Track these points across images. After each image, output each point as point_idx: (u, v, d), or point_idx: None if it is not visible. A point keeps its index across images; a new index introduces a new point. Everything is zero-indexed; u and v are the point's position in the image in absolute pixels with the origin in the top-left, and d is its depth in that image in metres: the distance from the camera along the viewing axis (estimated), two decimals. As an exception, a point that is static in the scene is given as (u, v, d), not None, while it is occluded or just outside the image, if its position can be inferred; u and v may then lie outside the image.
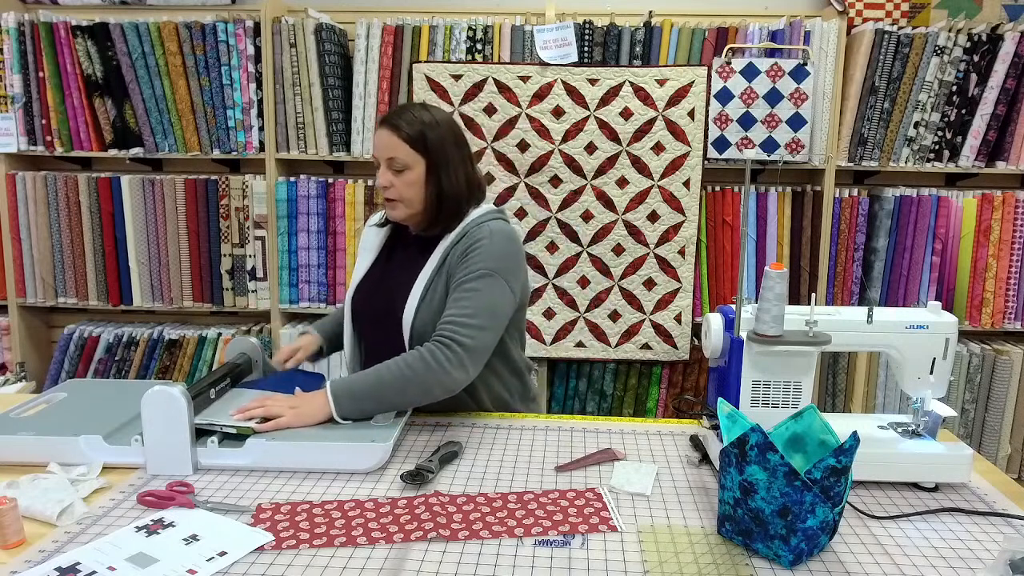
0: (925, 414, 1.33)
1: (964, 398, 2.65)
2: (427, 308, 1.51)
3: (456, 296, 1.47)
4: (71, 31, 2.58)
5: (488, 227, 1.53)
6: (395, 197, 1.52)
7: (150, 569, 0.97)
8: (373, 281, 1.64)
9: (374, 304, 1.61)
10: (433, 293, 1.52)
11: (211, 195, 2.67)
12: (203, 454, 1.28)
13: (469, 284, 1.47)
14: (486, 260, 1.48)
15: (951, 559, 1.04)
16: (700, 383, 2.69)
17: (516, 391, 1.68)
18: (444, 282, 1.52)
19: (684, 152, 2.53)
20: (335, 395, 1.37)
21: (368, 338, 1.66)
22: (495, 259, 1.49)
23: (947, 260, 2.60)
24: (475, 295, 1.45)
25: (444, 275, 1.53)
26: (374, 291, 1.63)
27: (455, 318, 1.44)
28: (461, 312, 1.44)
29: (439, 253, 1.55)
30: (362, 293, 1.64)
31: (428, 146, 1.50)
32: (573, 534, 1.09)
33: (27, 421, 1.37)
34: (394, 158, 1.50)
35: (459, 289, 1.47)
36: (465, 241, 1.52)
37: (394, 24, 2.55)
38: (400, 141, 1.50)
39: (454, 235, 1.55)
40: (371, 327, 1.63)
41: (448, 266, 1.53)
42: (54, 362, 2.78)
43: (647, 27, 2.54)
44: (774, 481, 1.01)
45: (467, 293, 1.46)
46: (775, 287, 1.24)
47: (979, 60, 2.49)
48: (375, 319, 1.61)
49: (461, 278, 1.48)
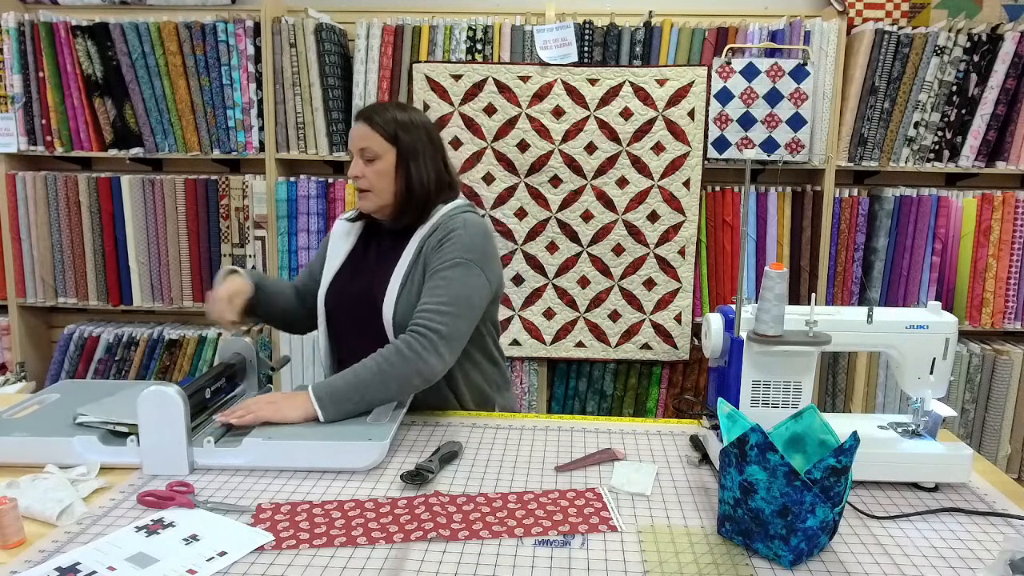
0: (925, 414, 1.33)
1: (964, 398, 2.65)
2: (406, 299, 1.53)
3: (431, 285, 1.49)
4: (71, 31, 2.58)
5: (462, 218, 1.56)
6: (366, 187, 1.56)
7: (150, 569, 0.97)
8: (347, 276, 1.65)
9: (351, 298, 1.62)
10: (411, 284, 1.54)
11: (211, 195, 2.67)
12: (199, 454, 1.28)
13: (444, 273, 1.49)
14: (460, 250, 1.50)
15: (951, 559, 1.04)
16: (700, 383, 2.69)
17: (494, 380, 1.70)
18: (421, 273, 1.54)
19: (684, 152, 2.53)
20: (318, 398, 1.36)
21: (346, 334, 1.65)
22: (469, 249, 1.51)
23: (947, 260, 2.60)
24: (449, 283, 1.48)
25: (421, 266, 1.55)
26: (349, 286, 1.63)
27: (429, 306, 1.46)
28: (436, 300, 1.46)
29: (414, 244, 1.57)
30: (336, 289, 1.64)
31: (399, 137, 1.55)
32: (573, 534, 1.08)
33: (21, 422, 1.37)
34: (365, 148, 1.55)
35: (434, 278, 1.49)
36: (439, 232, 1.55)
37: (394, 24, 2.55)
38: (372, 132, 1.55)
39: (428, 227, 1.58)
40: (349, 322, 1.63)
41: (424, 257, 1.55)
42: (54, 362, 2.78)
43: (647, 27, 2.54)
44: (774, 481, 1.01)
45: (441, 282, 1.48)
46: (775, 287, 1.24)
47: (979, 60, 2.49)
48: (353, 313, 1.61)
49: (436, 267, 1.50)
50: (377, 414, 1.42)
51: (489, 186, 2.58)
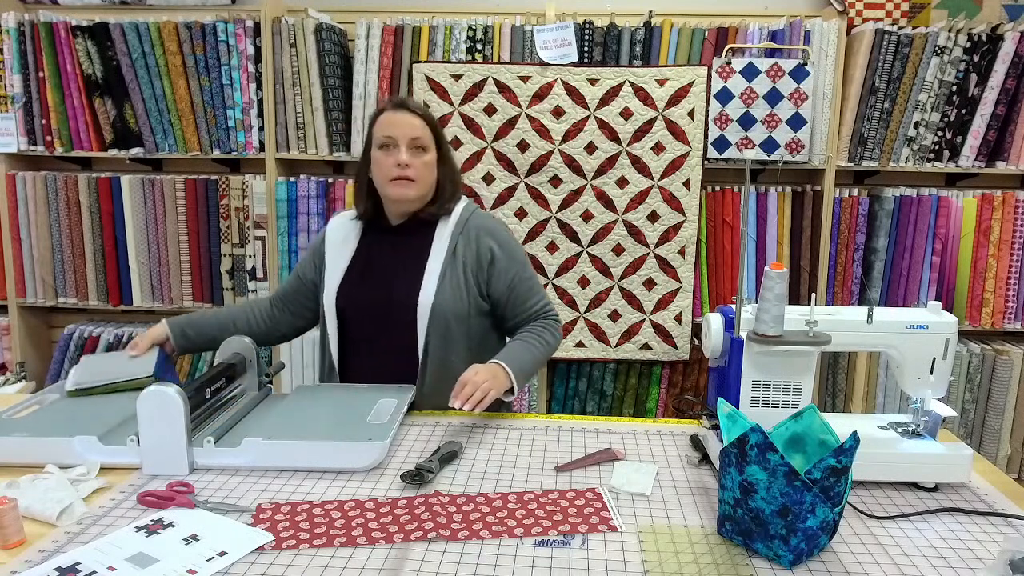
0: (925, 414, 1.33)
1: (964, 398, 2.65)
2: (446, 292, 1.59)
3: (525, 287, 1.68)
4: (71, 31, 2.58)
5: (490, 217, 1.72)
6: (414, 176, 1.58)
7: (150, 569, 0.97)
8: (358, 276, 1.65)
9: (369, 297, 1.62)
10: (452, 277, 1.60)
11: (211, 195, 2.67)
12: (199, 454, 1.28)
13: (524, 276, 1.68)
14: (520, 253, 1.71)
15: (951, 559, 1.04)
16: (700, 383, 2.69)
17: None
18: (462, 267, 1.62)
19: (684, 152, 2.53)
20: (515, 372, 1.51)
21: (361, 332, 1.65)
22: (521, 250, 1.73)
23: (947, 260, 2.60)
24: (535, 283, 1.72)
25: (460, 261, 1.62)
26: (364, 285, 1.64)
27: (544, 300, 1.71)
28: (542, 295, 1.72)
29: (444, 240, 1.62)
30: (348, 289, 1.65)
31: (438, 132, 1.64)
32: (573, 534, 1.08)
33: (21, 422, 1.37)
34: (418, 138, 1.58)
35: (523, 281, 1.68)
36: (472, 230, 1.64)
37: (394, 24, 2.55)
38: (423, 123, 1.60)
39: (453, 223, 1.63)
40: (366, 320, 1.63)
41: (462, 253, 1.62)
42: (54, 362, 2.78)
43: (647, 27, 2.54)
44: (774, 481, 1.01)
45: (530, 283, 1.70)
46: (775, 287, 1.24)
47: (979, 60, 2.49)
48: (371, 311, 1.62)
49: (516, 271, 1.67)
50: (377, 414, 1.42)
51: (489, 186, 2.58)
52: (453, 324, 1.60)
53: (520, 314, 1.68)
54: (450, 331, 1.60)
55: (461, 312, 1.61)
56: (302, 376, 2.69)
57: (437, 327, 1.58)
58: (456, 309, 1.60)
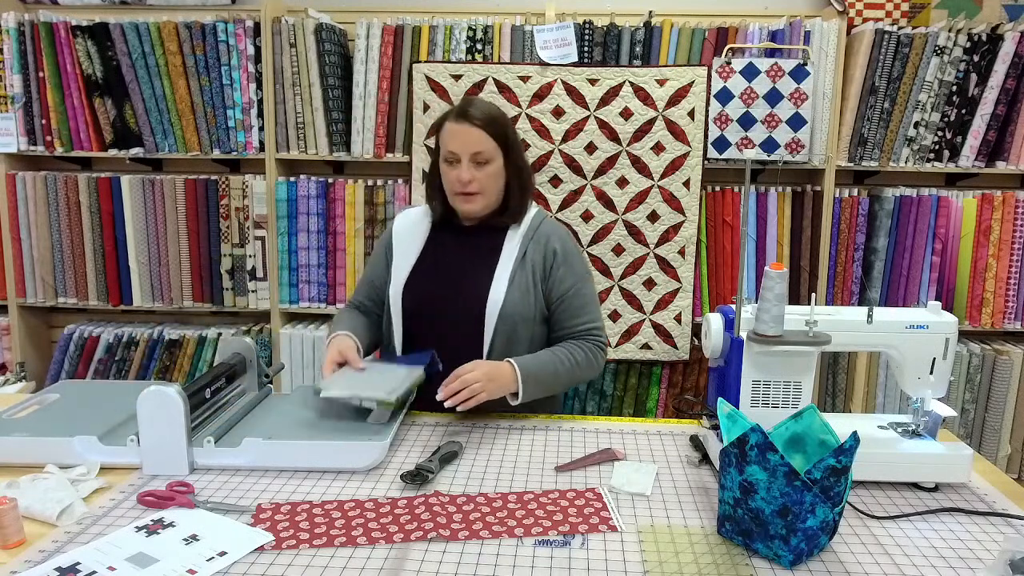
0: (925, 414, 1.33)
1: (964, 398, 2.65)
2: (515, 296, 1.58)
3: (580, 302, 1.63)
4: (71, 31, 2.58)
5: (557, 224, 1.70)
6: (477, 191, 1.57)
7: (150, 569, 0.97)
8: (427, 274, 1.64)
9: (438, 296, 1.61)
10: (521, 282, 1.59)
11: (211, 195, 2.67)
12: (199, 454, 1.28)
13: (581, 290, 1.64)
14: (581, 264, 1.67)
15: (951, 559, 1.04)
16: (700, 383, 2.69)
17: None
18: (531, 272, 1.60)
19: (684, 152, 2.53)
20: (524, 379, 1.47)
21: (427, 330, 1.63)
22: (583, 262, 1.69)
23: (947, 260, 2.60)
24: (592, 299, 1.66)
25: (529, 266, 1.61)
26: (432, 283, 1.63)
27: (594, 322, 1.64)
28: (593, 316, 1.64)
29: (515, 244, 1.62)
30: (416, 287, 1.64)
31: (506, 135, 1.59)
32: (573, 534, 1.08)
33: (21, 422, 1.37)
34: (480, 151, 1.55)
35: (577, 295, 1.62)
36: (541, 237, 1.64)
37: (394, 24, 2.55)
38: (485, 135, 1.56)
39: (526, 227, 1.64)
40: (433, 318, 1.62)
41: (531, 258, 1.61)
42: (54, 362, 2.78)
43: (647, 27, 2.54)
44: (774, 481, 1.01)
45: (587, 298, 1.64)
46: (775, 287, 1.24)
47: (979, 60, 2.49)
48: (440, 310, 1.61)
49: (572, 282, 1.62)
50: (377, 414, 1.42)
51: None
52: (520, 327, 1.59)
53: (566, 328, 1.63)
54: (516, 334, 1.59)
55: (528, 316, 1.60)
56: (302, 376, 2.69)
57: (504, 329, 1.57)
58: (524, 312, 1.58)
